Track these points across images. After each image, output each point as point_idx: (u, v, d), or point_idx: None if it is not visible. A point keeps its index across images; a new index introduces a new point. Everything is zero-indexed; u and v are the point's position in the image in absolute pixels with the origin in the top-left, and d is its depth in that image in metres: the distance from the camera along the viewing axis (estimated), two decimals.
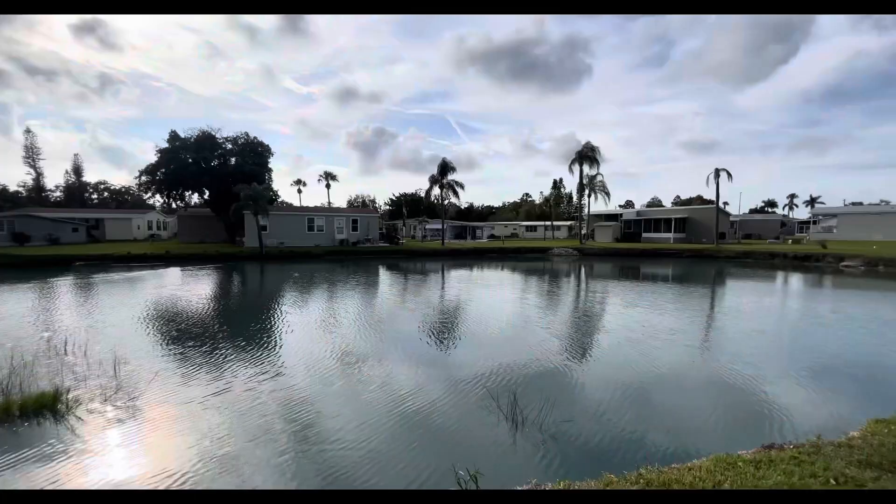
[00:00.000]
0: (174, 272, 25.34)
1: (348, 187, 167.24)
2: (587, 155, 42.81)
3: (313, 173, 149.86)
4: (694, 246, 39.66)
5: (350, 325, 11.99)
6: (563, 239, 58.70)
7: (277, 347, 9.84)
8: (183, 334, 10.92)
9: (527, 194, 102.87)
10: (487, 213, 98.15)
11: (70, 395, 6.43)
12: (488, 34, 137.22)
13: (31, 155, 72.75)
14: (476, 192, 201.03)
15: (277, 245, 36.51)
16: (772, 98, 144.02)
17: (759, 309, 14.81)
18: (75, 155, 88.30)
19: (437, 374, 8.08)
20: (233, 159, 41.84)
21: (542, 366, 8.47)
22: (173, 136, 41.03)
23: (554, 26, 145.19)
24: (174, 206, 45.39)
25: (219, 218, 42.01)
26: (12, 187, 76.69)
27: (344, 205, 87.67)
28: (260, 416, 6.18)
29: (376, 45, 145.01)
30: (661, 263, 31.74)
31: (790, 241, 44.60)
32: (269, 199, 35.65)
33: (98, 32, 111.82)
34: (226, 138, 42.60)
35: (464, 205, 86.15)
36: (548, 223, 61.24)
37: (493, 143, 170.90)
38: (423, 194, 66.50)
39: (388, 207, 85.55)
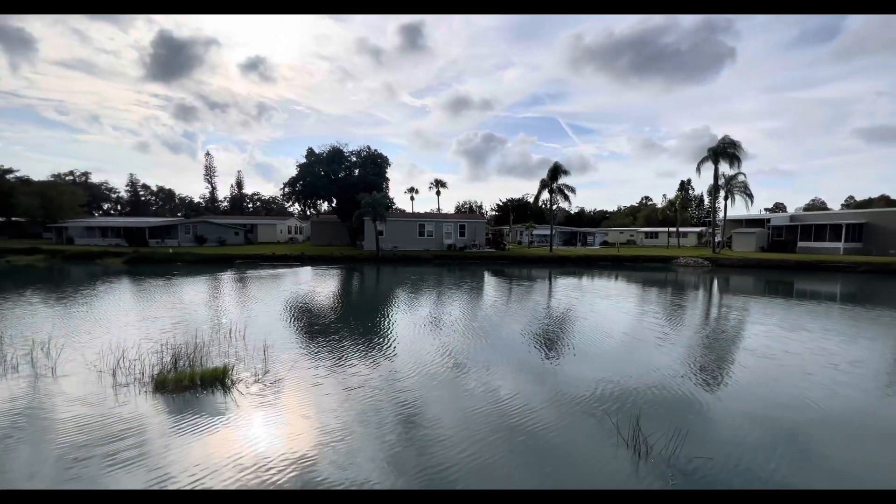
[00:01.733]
0: (307, 270, 29.00)
1: (457, 193, 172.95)
2: (725, 151, 37.36)
3: (425, 181, 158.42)
4: (875, 259, 31.72)
5: (458, 328, 12.25)
6: (691, 247, 52.09)
7: (393, 345, 10.48)
8: (316, 327, 12.37)
9: (646, 197, 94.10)
10: (600, 219, 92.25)
11: (233, 373, 7.73)
12: (609, 28, 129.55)
13: (209, 173, 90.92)
14: (588, 195, 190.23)
15: (392, 249, 39.30)
16: None
17: None
18: (238, 171, 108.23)
19: (544, 386, 7.74)
20: (356, 171, 46.40)
21: (671, 391, 7.53)
22: (309, 153, 47.14)
23: None
24: (308, 213, 52.06)
25: (343, 223, 46.89)
26: (196, 199, 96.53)
27: (452, 210, 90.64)
28: (375, 410, 6.63)
29: (488, 52, 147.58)
30: (826, 279, 26.04)
31: None
32: (386, 206, 38.60)
33: (259, 69, 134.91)
34: (351, 152, 47.49)
35: (574, 209, 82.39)
36: (672, 229, 54.96)
37: (609, 144, 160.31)
38: (530, 199, 65.33)
39: (494, 213, 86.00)
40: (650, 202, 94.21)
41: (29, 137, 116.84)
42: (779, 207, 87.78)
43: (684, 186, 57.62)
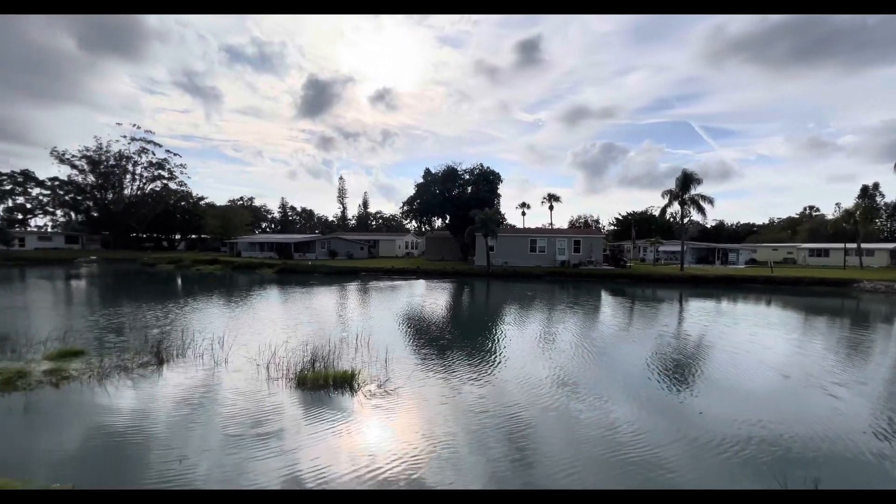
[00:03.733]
0: (421, 284, 30.54)
1: (570, 207, 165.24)
2: None
3: (537, 195, 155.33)
4: None
5: (573, 350, 11.50)
6: (881, 269, 41.34)
7: (504, 363, 10.28)
8: (432, 340, 12.89)
9: (811, 207, 78.16)
10: (745, 233, 79.22)
11: (359, 378, 8.40)
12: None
13: (341, 195, 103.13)
14: (728, 206, 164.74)
15: (502, 264, 39.20)
16: None
17: None
18: (364, 192, 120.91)
19: (677, 423, 6.72)
20: (469, 188, 47.77)
21: (870, 452, 5.87)
22: (426, 173, 50.13)
23: None
24: (423, 229, 55.13)
25: (455, 239, 48.48)
26: (330, 217, 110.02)
27: (565, 226, 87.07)
28: (483, 427, 6.56)
29: (606, 59, 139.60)
30: None
31: None
32: (497, 222, 38.84)
33: (385, 99, 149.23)
34: (464, 170, 49.16)
35: (710, 223, 72.43)
36: (850, 246, 44.34)
37: (756, 146, 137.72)
38: (655, 212, 59.28)
39: (613, 227, 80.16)
40: (816, 213, 77.71)
41: (214, 171, 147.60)
42: None
43: (868, 192, 46.10)
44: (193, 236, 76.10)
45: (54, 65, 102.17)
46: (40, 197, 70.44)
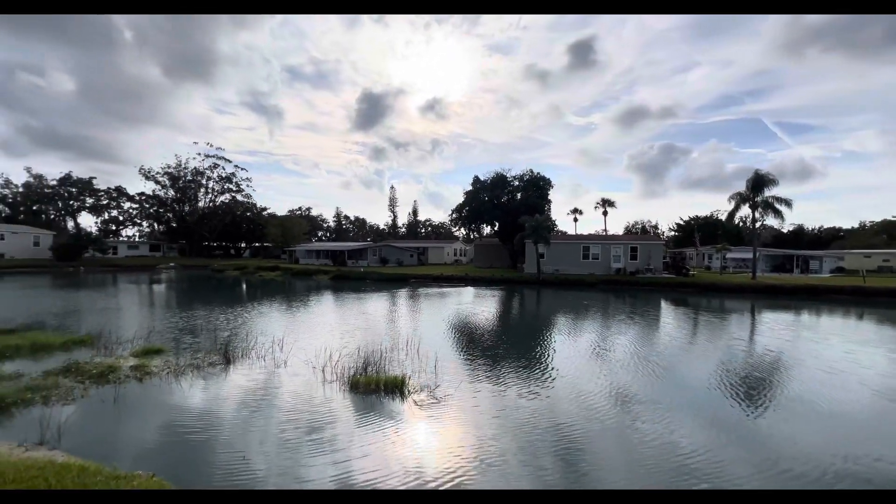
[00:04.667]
0: (470, 291, 30.43)
1: (626, 212, 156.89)
2: None
3: (590, 201, 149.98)
4: None
5: (630, 363, 10.84)
6: None
7: (555, 374, 9.91)
8: (482, 348, 12.76)
9: None
10: (829, 238, 71.36)
11: (409, 383, 8.47)
12: None
13: (392, 204, 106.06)
14: (809, 209, 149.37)
15: (553, 272, 38.15)
16: None
17: None
18: (414, 201, 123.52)
19: (757, 452, 6.07)
20: (518, 194, 47.19)
21: None
22: (475, 181, 50.19)
23: None
24: (472, 236, 55.20)
25: (504, 246, 47.98)
26: (381, 226, 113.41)
27: (621, 232, 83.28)
28: (533, 439, 6.36)
29: (664, 57, 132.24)
30: None
31: None
32: (548, 229, 37.93)
33: (435, 108, 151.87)
34: (514, 177, 48.67)
35: (787, 227, 66.03)
36: None
37: (842, 142, 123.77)
38: (722, 216, 55.12)
39: (673, 233, 75.50)
40: None
41: (276, 183, 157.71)
42: None
43: None
44: (257, 244, 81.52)
45: (142, 92, 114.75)
46: (130, 210, 79.11)
